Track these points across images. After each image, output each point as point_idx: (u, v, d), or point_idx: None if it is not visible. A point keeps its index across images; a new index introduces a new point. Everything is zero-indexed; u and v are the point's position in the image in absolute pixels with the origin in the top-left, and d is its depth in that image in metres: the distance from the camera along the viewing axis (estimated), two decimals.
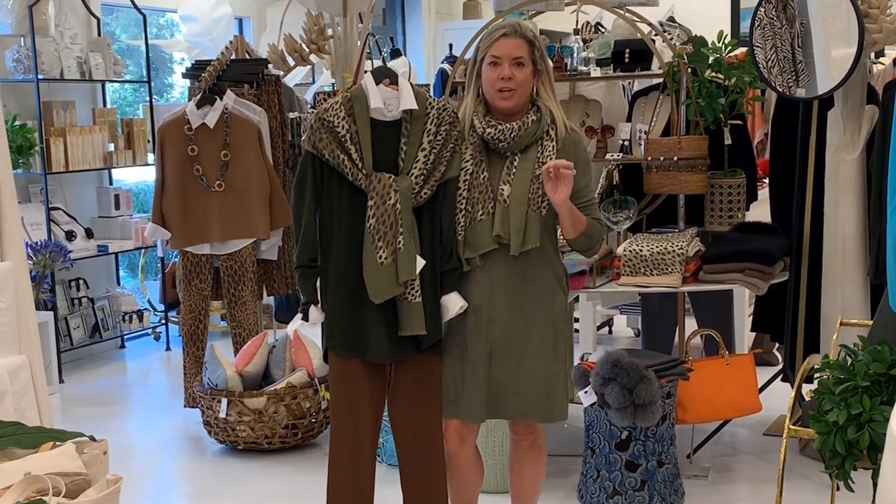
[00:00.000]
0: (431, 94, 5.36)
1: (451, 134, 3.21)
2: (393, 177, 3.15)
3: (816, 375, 3.32)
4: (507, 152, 3.18)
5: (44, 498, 2.55)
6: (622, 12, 4.98)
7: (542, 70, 3.21)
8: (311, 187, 3.20)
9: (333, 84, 6.19)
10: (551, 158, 3.13)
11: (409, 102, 3.18)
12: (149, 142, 7.02)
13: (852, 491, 3.16)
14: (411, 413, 3.33)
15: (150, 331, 7.39)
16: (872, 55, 5.06)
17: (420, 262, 3.18)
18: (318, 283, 3.26)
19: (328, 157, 3.16)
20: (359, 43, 5.60)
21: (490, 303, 3.21)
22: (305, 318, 3.27)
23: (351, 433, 3.30)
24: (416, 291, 3.17)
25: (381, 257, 3.13)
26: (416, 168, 3.17)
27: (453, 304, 3.22)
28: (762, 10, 4.34)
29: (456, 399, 3.26)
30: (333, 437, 3.34)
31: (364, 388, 3.28)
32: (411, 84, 3.24)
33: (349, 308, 3.21)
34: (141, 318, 7.19)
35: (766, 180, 5.16)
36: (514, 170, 3.17)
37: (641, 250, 4.23)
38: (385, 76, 3.21)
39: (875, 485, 3.06)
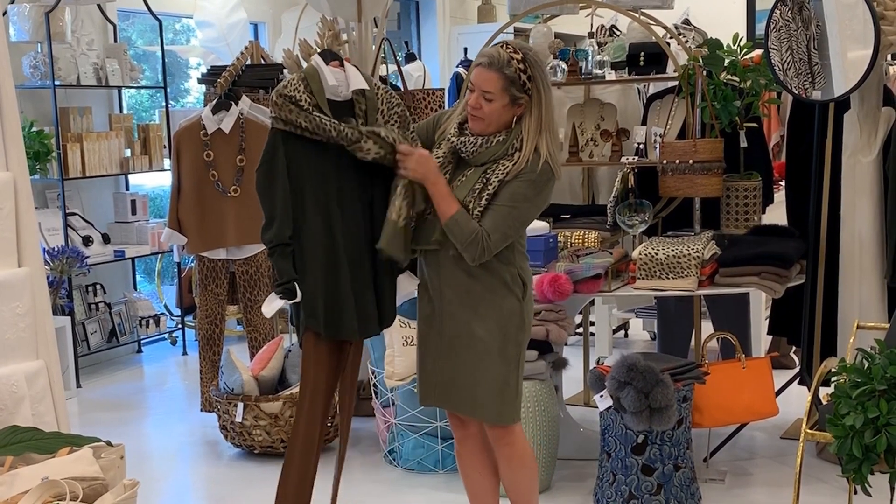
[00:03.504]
0: (446, 99, 5.39)
1: (405, 117, 3.28)
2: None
3: (833, 379, 3.31)
4: (470, 163, 3.19)
5: (61, 502, 2.57)
6: (637, 15, 4.97)
7: (527, 103, 3.12)
8: (284, 163, 3.19)
9: None
10: (498, 178, 3.11)
11: (359, 82, 3.23)
12: (165, 147, 7.04)
13: (869, 495, 3.15)
14: (351, 388, 3.51)
15: (166, 335, 7.41)
16: (889, 57, 5.04)
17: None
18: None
19: (305, 124, 3.15)
20: (374, 48, 5.60)
21: (439, 295, 3.25)
22: (289, 296, 3.20)
23: (310, 415, 3.35)
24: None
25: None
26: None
27: (410, 283, 3.32)
28: (778, 12, 4.33)
29: (419, 381, 3.37)
30: (299, 418, 3.37)
31: (330, 370, 3.37)
32: (355, 66, 3.28)
33: (323, 286, 3.23)
34: (158, 323, 7.21)
35: (782, 183, 5.14)
36: (463, 178, 3.17)
37: (657, 254, 4.22)
38: (332, 58, 3.24)
39: (893, 488, 3.06)
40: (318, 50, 5.82)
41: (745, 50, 4.66)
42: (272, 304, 3.24)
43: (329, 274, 3.22)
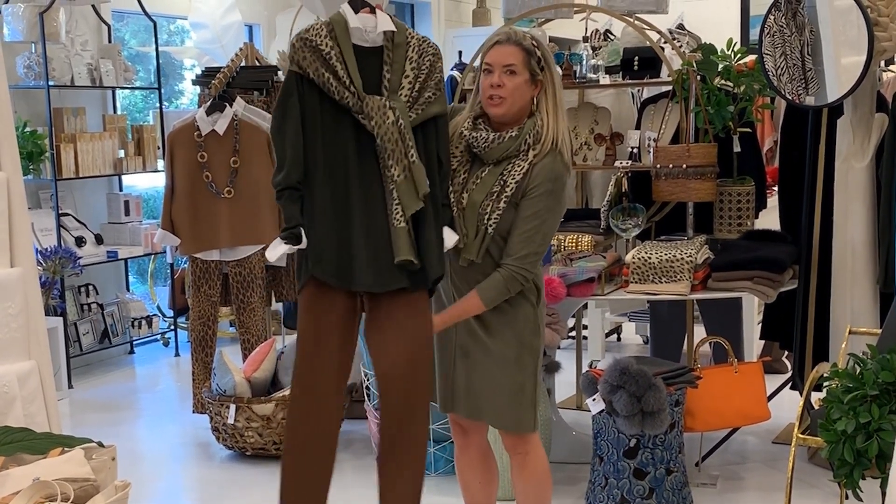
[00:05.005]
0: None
1: (435, 65, 3.18)
2: (384, 97, 3.10)
3: (825, 384, 3.31)
4: (484, 161, 3.17)
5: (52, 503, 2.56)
6: (631, 20, 4.98)
7: (545, 81, 3.15)
8: (297, 107, 3.12)
9: None
10: (515, 180, 3.09)
11: (387, 24, 3.13)
12: (159, 148, 7.04)
13: (861, 500, 3.15)
14: (404, 358, 3.16)
15: (159, 337, 7.40)
16: (882, 63, 5.05)
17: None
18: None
19: (313, 76, 3.09)
20: None
21: (453, 302, 3.22)
22: (296, 241, 3.11)
23: (316, 371, 3.17)
24: (401, 215, 3.08)
25: (395, 176, 3.07)
26: (401, 94, 3.12)
27: (450, 237, 3.16)
28: (772, 17, 4.34)
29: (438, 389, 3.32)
30: (296, 374, 3.19)
31: (335, 324, 3.17)
32: (389, 14, 3.20)
33: (334, 234, 3.12)
34: (150, 324, 7.21)
35: (776, 188, 5.15)
36: (478, 181, 3.15)
37: (650, 258, 4.23)
38: (363, 6, 3.17)
39: (884, 494, 3.06)
40: None
41: (739, 55, 4.67)
42: (277, 249, 3.13)
43: (339, 222, 3.11)
